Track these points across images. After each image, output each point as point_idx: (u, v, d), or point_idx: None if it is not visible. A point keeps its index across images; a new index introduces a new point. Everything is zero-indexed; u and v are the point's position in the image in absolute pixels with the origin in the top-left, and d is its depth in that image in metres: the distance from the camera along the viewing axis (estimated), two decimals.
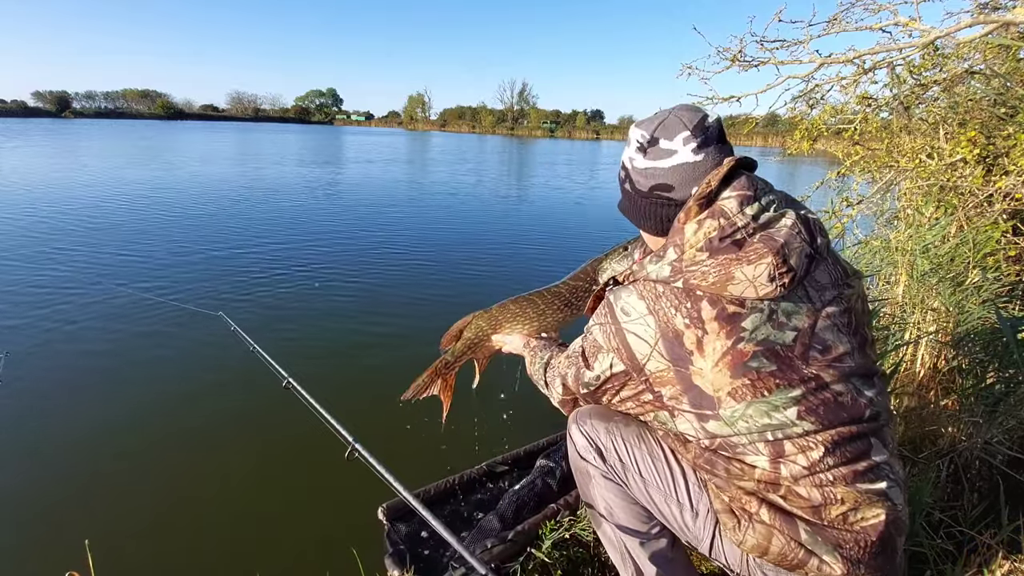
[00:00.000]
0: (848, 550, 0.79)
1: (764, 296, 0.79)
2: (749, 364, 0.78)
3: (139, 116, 72.33)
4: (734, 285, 0.78)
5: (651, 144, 0.89)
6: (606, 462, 1.01)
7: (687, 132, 0.86)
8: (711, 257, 0.79)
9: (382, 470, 1.06)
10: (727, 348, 0.78)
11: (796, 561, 0.82)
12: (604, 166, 23.04)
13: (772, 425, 0.78)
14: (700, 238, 0.81)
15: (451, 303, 4.61)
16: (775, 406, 0.78)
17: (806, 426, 0.78)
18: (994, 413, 1.80)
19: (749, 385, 0.78)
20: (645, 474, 0.97)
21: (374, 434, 1.52)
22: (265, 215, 8.23)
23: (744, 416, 0.79)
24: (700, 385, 0.80)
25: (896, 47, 2.41)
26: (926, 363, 2.15)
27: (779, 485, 0.81)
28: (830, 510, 0.79)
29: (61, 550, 1.89)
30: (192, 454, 2.50)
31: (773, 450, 0.79)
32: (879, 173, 3.06)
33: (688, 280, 0.81)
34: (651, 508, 0.99)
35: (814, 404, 0.78)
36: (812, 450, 0.78)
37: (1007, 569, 1.21)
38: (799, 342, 0.79)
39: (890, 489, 0.82)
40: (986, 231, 2.21)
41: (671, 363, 0.81)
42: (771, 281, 0.78)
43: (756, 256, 0.78)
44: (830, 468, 0.79)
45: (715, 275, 0.79)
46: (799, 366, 0.79)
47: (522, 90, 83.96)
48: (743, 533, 0.85)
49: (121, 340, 3.57)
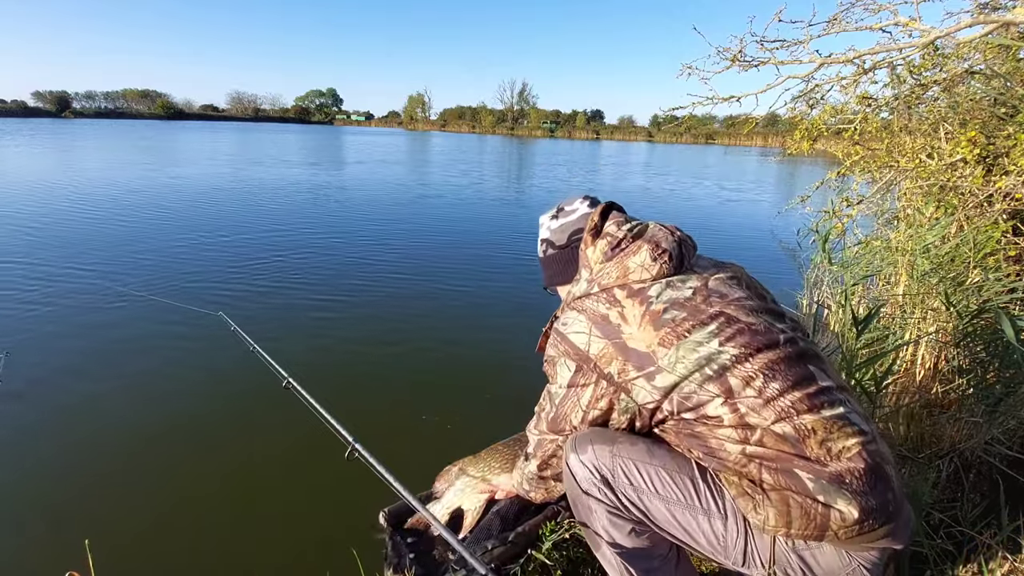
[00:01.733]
0: (851, 485, 0.83)
1: (656, 275, 1.00)
2: (664, 317, 0.94)
3: (139, 116, 72.28)
4: (631, 273, 1.02)
5: (559, 212, 1.22)
6: (615, 491, 0.96)
7: (581, 198, 1.21)
8: (608, 262, 1.05)
9: (382, 470, 1.06)
10: (644, 311, 0.96)
11: (819, 520, 0.84)
12: (604, 165, 23.05)
13: (704, 357, 0.90)
14: (599, 254, 1.07)
15: (452, 303, 4.61)
16: (699, 342, 0.91)
17: (732, 350, 0.90)
18: (994, 413, 1.80)
19: (671, 331, 0.93)
20: (662, 491, 0.94)
21: (374, 434, 1.51)
22: (265, 215, 8.23)
23: (679, 359, 0.91)
24: (635, 347, 0.94)
25: (896, 47, 2.41)
26: (926, 363, 2.16)
27: (753, 428, 0.88)
28: (810, 445, 0.86)
29: (61, 550, 1.89)
30: (192, 454, 2.50)
31: (721, 387, 0.89)
32: (879, 173, 3.06)
33: (600, 282, 1.04)
34: (676, 532, 0.96)
35: (730, 333, 0.92)
36: (754, 379, 0.89)
37: (1007, 569, 1.21)
38: (698, 294, 0.98)
39: (851, 415, 0.90)
40: (986, 231, 2.21)
41: (607, 339, 0.97)
42: (654, 260, 1.01)
43: (637, 248, 1.04)
44: (781, 394, 0.88)
45: (616, 271, 1.03)
46: (704, 308, 0.95)
47: (522, 90, 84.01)
48: (764, 510, 0.87)
49: (121, 340, 3.57)
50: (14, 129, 32.98)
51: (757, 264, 6.56)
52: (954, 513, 1.49)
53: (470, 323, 4.19)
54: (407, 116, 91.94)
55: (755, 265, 6.52)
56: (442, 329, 4.03)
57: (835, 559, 0.89)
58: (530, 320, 4.07)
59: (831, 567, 0.90)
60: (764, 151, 42.87)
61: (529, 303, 4.59)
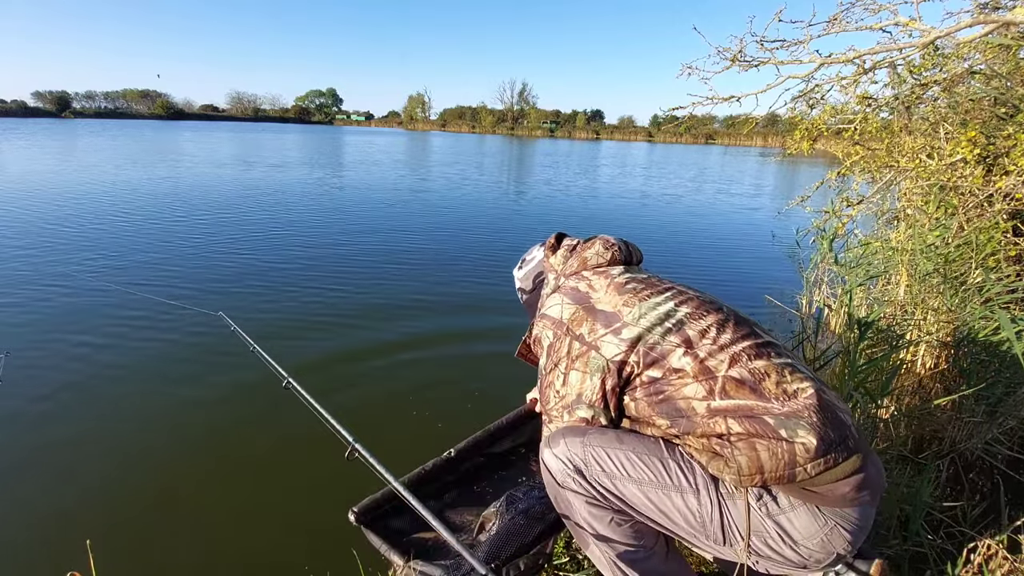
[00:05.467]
0: (809, 419, 0.88)
1: (610, 260, 1.21)
2: (627, 287, 1.10)
3: (139, 116, 72.25)
4: (589, 260, 1.22)
5: (522, 263, 1.45)
6: (588, 479, 0.99)
7: (538, 246, 1.42)
8: (569, 259, 1.26)
9: (382, 470, 1.06)
10: (609, 282, 1.13)
11: (786, 457, 0.87)
12: (604, 165, 23.04)
13: (663, 313, 1.03)
14: (559, 258, 1.29)
15: (453, 303, 4.61)
16: (657, 303, 1.05)
17: (686, 310, 1.04)
18: (994, 413, 1.80)
19: (632, 296, 1.07)
20: (634, 474, 0.96)
21: (374, 434, 1.52)
22: (265, 215, 8.23)
23: (642, 314, 1.03)
24: (602, 308, 1.08)
25: (896, 47, 2.40)
26: (927, 363, 2.16)
27: (715, 377, 0.95)
28: (767, 386, 0.93)
29: (61, 550, 1.89)
30: (192, 454, 2.50)
31: (681, 338, 1.00)
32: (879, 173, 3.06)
33: (565, 272, 1.25)
34: (652, 515, 0.98)
35: (683, 299, 1.07)
36: (708, 331, 1.00)
37: (1007, 569, 1.21)
38: (652, 278, 1.15)
39: (797, 365, 0.99)
40: (986, 231, 2.21)
41: (577, 304, 1.12)
42: (607, 249, 1.22)
43: (591, 243, 1.26)
44: (733, 342, 0.98)
45: (576, 262, 1.24)
46: (658, 284, 1.12)
47: (522, 90, 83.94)
48: (735, 461, 0.90)
49: (121, 340, 3.57)
50: (15, 128, 32.97)
51: (757, 264, 6.55)
52: (954, 513, 1.50)
53: (471, 323, 4.20)
54: (407, 116, 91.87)
55: (755, 264, 6.53)
56: (444, 329, 4.03)
57: (810, 521, 0.91)
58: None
59: (808, 530, 0.91)
60: (764, 151, 42.86)
61: None
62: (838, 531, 0.90)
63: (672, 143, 58.35)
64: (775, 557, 0.94)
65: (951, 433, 1.78)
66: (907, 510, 1.43)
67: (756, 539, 0.93)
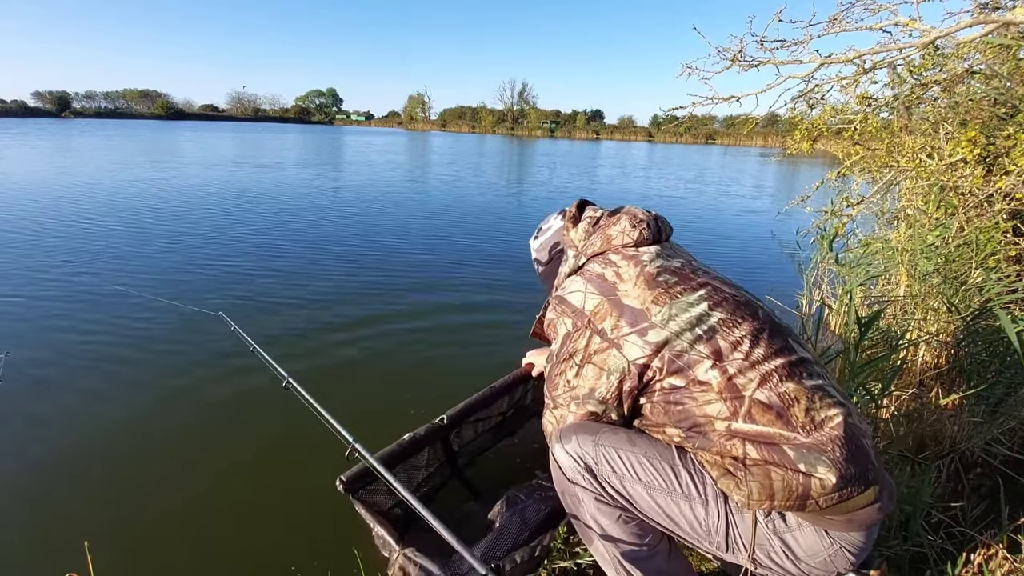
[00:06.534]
0: (832, 453, 0.85)
1: (637, 240, 1.09)
2: (658, 279, 1.01)
3: (139, 116, 72.25)
4: (614, 239, 1.11)
5: (538, 232, 1.34)
6: (598, 479, 0.98)
7: (555, 214, 1.32)
8: (591, 236, 1.15)
9: (382, 470, 1.06)
10: (638, 272, 1.03)
11: (800, 490, 0.85)
12: (604, 165, 23.05)
13: (695, 317, 0.95)
14: (581, 232, 1.18)
15: (454, 303, 4.61)
16: (690, 303, 0.97)
17: (719, 315, 0.96)
18: (995, 413, 1.80)
19: (663, 292, 0.99)
20: (644, 477, 0.96)
21: (374, 434, 1.51)
22: (265, 215, 8.23)
23: (672, 316, 0.96)
24: (629, 304, 1.00)
25: (896, 47, 2.40)
26: (927, 363, 2.16)
27: (741, 397, 0.90)
28: (795, 412, 0.88)
29: (61, 550, 1.89)
30: (192, 454, 2.50)
31: (711, 348, 0.93)
32: (879, 173, 3.06)
33: (586, 252, 1.14)
34: (659, 519, 0.97)
35: (717, 299, 0.98)
36: (741, 344, 0.93)
37: (1007, 569, 1.21)
38: (685, 267, 1.06)
39: (828, 388, 0.93)
40: (987, 231, 2.21)
41: (603, 295, 1.03)
42: (634, 227, 1.10)
43: (616, 219, 1.14)
44: (766, 358, 0.91)
45: (600, 240, 1.12)
46: (693, 277, 1.03)
47: (522, 90, 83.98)
48: (747, 485, 0.88)
49: (121, 340, 3.57)
50: (15, 129, 32.97)
51: (757, 264, 6.55)
52: (954, 513, 1.50)
53: (472, 322, 4.19)
54: (407, 116, 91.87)
55: (755, 265, 6.53)
56: (445, 329, 4.02)
57: (816, 541, 0.90)
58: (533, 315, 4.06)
59: (813, 549, 0.91)
60: (764, 151, 42.84)
61: (531, 299, 4.59)
62: (842, 553, 0.91)
63: (672, 143, 58.33)
64: (775, 569, 0.94)
65: (951, 433, 1.78)
66: (907, 510, 1.43)
67: (759, 551, 0.93)
